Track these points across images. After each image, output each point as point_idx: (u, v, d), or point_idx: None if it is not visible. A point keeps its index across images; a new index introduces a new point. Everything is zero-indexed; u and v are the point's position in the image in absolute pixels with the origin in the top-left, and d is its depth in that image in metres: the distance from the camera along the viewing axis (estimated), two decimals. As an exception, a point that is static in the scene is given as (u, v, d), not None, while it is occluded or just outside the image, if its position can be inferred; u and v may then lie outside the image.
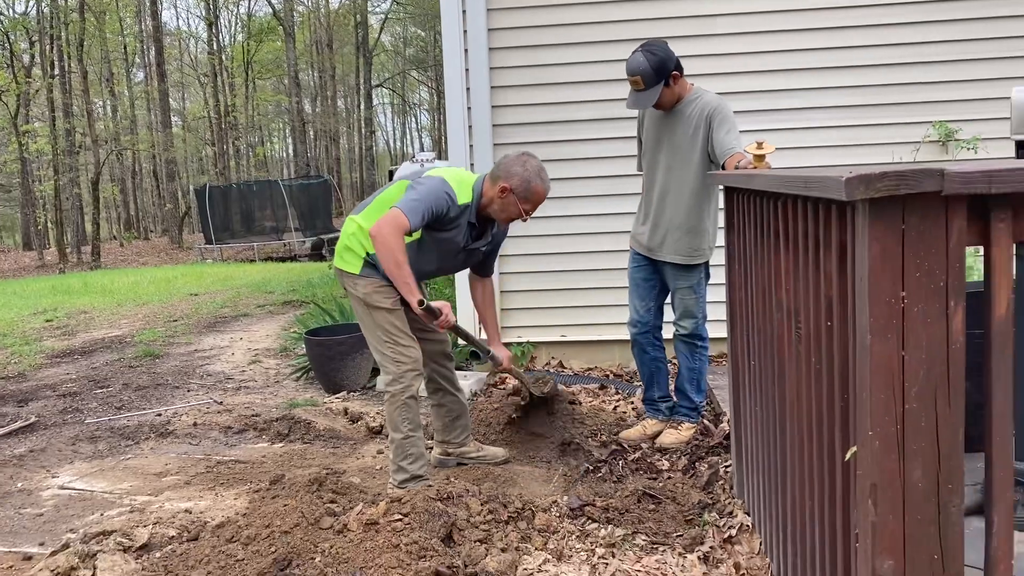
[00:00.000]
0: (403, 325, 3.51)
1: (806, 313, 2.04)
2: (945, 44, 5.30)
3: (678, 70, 3.79)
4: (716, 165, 3.77)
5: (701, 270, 4.00)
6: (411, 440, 3.52)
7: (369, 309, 3.50)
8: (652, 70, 3.71)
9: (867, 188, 1.41)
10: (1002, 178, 1.38)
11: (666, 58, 3.73)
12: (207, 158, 43.18)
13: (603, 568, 2.84)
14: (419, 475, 3.51)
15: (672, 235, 3.92)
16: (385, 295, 3.48)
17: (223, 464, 4.19)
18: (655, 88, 3.76)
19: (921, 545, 1.53)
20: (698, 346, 4.04)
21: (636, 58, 3.75)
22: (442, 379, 3.90)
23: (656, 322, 4.15)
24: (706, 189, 3.89)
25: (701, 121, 3.80)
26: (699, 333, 4.01)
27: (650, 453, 3.93)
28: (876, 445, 1.52)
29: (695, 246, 3.91)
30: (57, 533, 3.43)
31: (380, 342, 3.50)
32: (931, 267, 1.46)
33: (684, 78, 3.87)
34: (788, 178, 1.96)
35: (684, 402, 4.11)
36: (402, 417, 3.50)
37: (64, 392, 5.78)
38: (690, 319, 3.99)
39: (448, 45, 5.42)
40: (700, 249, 3.92)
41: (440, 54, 18.81)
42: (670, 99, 3.84)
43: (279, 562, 2.76)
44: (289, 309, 9.19)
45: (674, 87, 3.81)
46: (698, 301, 3.99)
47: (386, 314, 3.48)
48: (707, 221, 3.92)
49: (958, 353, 1.49)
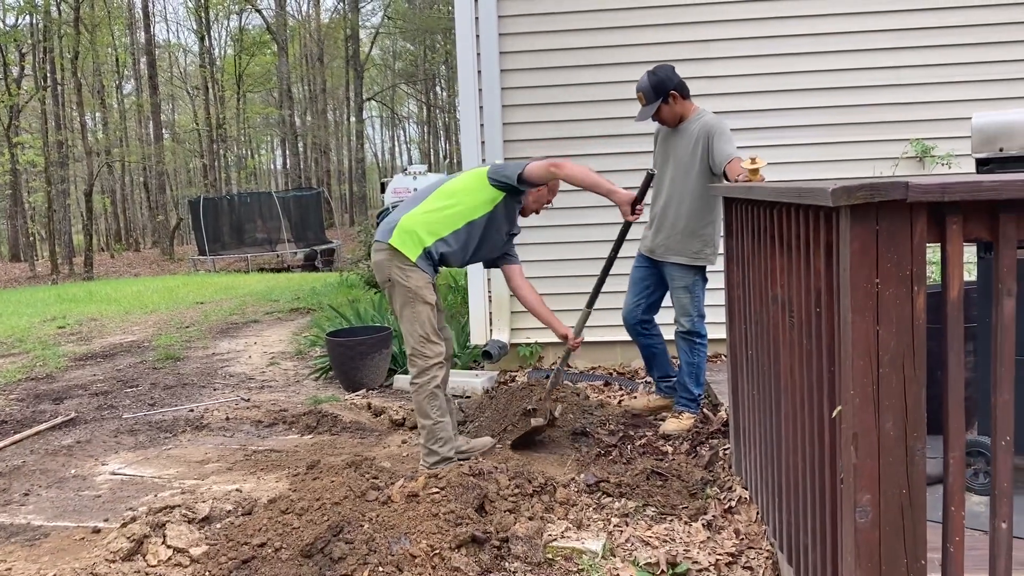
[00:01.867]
0: (437, 322, 3.90)
1: (798, 304, 2.43)
2: (921, 68, 5.75)
3: (678, 90, 4.30)
4: (717, 176, 4.23)
5: (698, 273, 4.42)
6: (440, 425, 3.89)
7: (415, 301, 3.80)
8: (651, 88, 4.27)
9: (849, 196, 1.80)
10: (953, 189, 1.78)
11: (665, 79, 4.28)
12: (195, 170, 43.38)
13: (618, 534, 3.22)
14: (449, 457, 3.87)
15: (673, 238, 4.39)
16: (431, 292, 3.85)
17: (259, 453, 4.54)
18: (654, 104, 4.29)
19: (892, 482, 1.91)
20: (696, 342, 4.44)
21: (642, 78, 4.33)
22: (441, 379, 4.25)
23: (643, 316, 4.66)
24: (706, 197, 4.32)
25: (701, 136, 4.26)
26: (696, 330, 4.42)
27: (655, 439, 4.31)
28: (857, 402, 1.90)
29: (695, 249, 4.35)
30: (118, 511, 3.77)
31: (416, 335, 3.84)
32: (899, 259, 1.85)
33: (689, 100, 4.36)
34: (783, 189, 2.36)
35: (684, 394, 4.50)
36: (431, 405, 3.87)
37: (96, 391, 6.11)
38: (686, 317, 4.42)
39: (463, 68, 5.82)
40: (700, 252, 4.36)
41: (431, 68, 18.48)
42: (670, 116, 4.36)
43: (332, 528, 3.11)
44: (297, 316, 9.53)
45: (673, 106, 4.31)
46: (693, 300, 4.42)
47: (429, 310, 3.83)
48: (708, 227, 4.36)
49: (921, 328, 1.88)
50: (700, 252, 4.37)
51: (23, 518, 3.74)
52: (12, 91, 28.60)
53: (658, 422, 4.55)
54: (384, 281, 3.88)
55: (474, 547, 3.02)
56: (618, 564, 2.97)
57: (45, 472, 4.36)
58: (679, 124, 4.37)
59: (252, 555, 3.07)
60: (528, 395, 4.78)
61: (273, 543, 3.11)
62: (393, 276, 3.80)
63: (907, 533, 1.91)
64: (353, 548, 2.95)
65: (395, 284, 3.81)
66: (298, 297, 11.20)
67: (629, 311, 4.69)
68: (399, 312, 3.87)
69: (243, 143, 46.95)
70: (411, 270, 3.79)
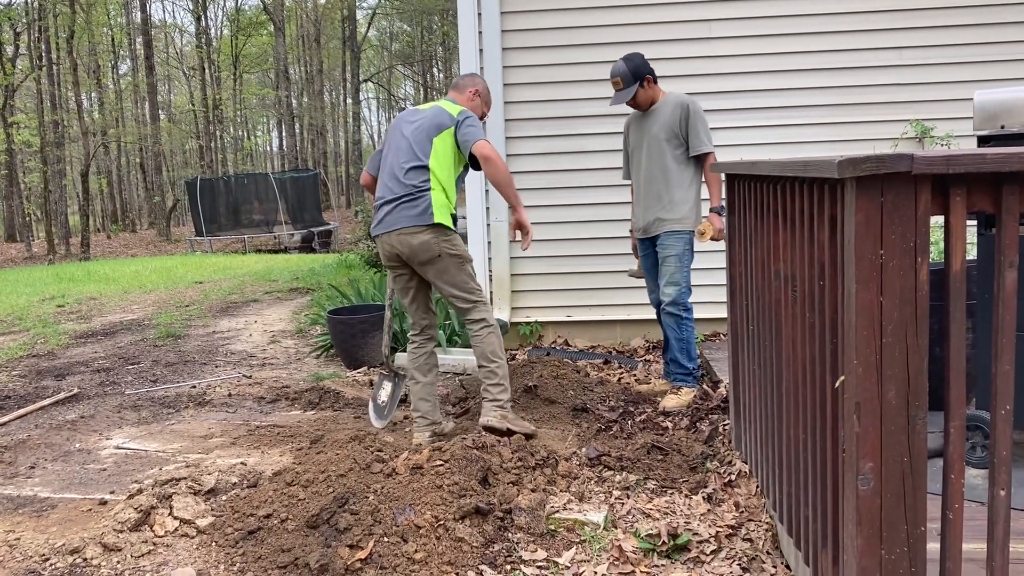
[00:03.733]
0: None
1: (801, 277, 2.46)
2: (922, 49, 5.76)
3: (651, 75, 4.59)
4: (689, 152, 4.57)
5: (686, 241, 4.61)
6: (504, 363, 4.07)
7: (463, 262, 4.00)
8: (629, 73, 4.54)
9: (854, 168, 1.82)
10: (958, 161, 1.80)
11: (640, 64, 4.57)
12: (192, 151, 43.27)
13: (620, 507, 3.26)
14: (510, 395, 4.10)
15: (662, 210, 4.63)
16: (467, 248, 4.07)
17: (262, 428, 4.57)
18: (631, 88, 4.56)
19: (894, 450, 1.95)
20: (683, 317, 4.58)
21: (618, 64, 4.59)
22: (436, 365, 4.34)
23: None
24: (684, 165, 4.61)
25: (677, 109, 4.58)
26: (682, 301, 4.56)
27: (655, 415, 4.35)
28: (860, 371, 1.94)
29: (682, 214, 4.59)
30: (123, 484, 3.80)
31: (471, 289, 4.03)
32: (903, 231, 1.88)
33: (658, 86, 4.66)
34: (788, 163, 2.38)
35: (678, 369, 4.59)
36: (500, 345, 4.05)
37: (97, 368, 6.14)
38: (673, 286, 4.56)
39: (464, 46, 5.81)
40: (687, 217, 4.60)
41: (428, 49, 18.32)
42: (644, 99, 4.65)
43: (338, 499, 3.15)
44: (296, 295, 9.55)
45: (647, 89, 4.61)
46: (681, 269, 4.59)
47: (471, 266, 4.07)
48: (691, 191, 4.62)
49: (924, 299, 1.91)
50: (687, 216, 4.60)
51: (30, 490, 3.78)
52: (7, 70, 28.40)
53: (658, 399, 4.60)
54: (432, 258, 3.95)
55: (478, 518, 3.06)
56: (620, 535, 3.01)
57: (50, 446, 4.39)
58: (650, 107, 4.68)
59: (258, 526, 3.11)
60: (529, 372, 4.84)
61: (279, 514, 3.15)
62: (443, 250, 3.95)
63: (908, 500, 1.95)
64: (358, 519, 2.99)
65: (443, 256, 3.96)
66: (297, 277, 11.22)
67: (654, 297, 4.91)
68: (452, 280, 3.99)
69: (240, 124, 46.80)
70: (453, 236, 4.00)
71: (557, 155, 6.01)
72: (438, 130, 3.97)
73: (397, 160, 4.00)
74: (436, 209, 3.91)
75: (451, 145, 3.98)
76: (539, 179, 6.03)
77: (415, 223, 3.90)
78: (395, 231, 3.94)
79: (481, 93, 4.29)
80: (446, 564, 2.81)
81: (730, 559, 2.85)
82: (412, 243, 3.92)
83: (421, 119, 4.05)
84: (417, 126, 4.03)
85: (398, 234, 3.94)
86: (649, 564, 2.83)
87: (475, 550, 2.90)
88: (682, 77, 5.83)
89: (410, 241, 3.92)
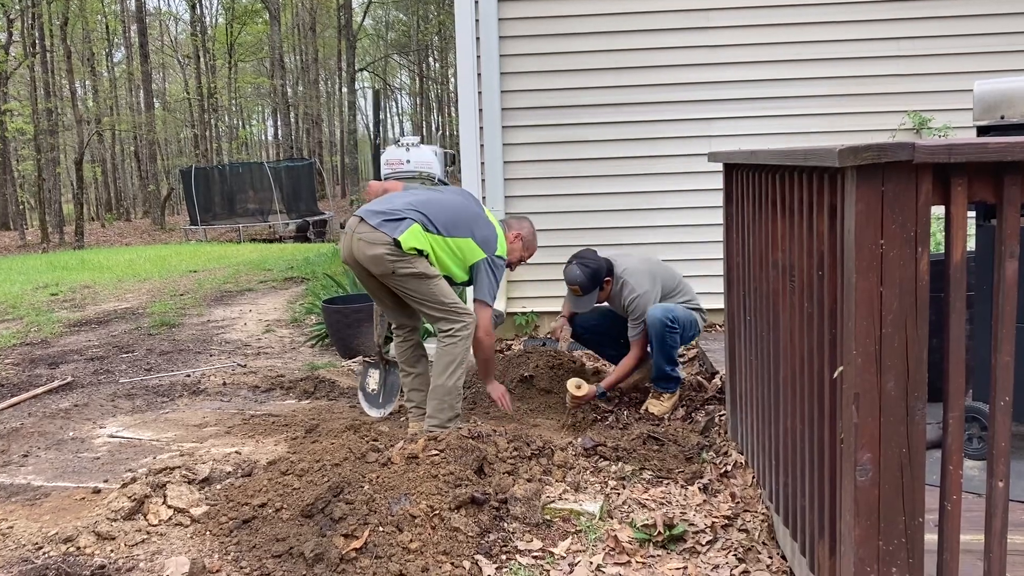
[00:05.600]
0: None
1: (799, 268, 2.45)
2: (920, 40, 5.75)
3: (608, 274, 4.42)
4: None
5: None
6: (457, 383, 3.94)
7: (428, 279, 3.80)
8: (588, 280, 4.36)
9: (855, 157, 1.81)
10: (959, 150, 1.79)
11: (597, 268, 4.38)
12: (187, 140, 43.07)
13: (615, 497, 3.26)
14: (459, 413, 3.95)
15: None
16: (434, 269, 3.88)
17: (257, 417, 4.55)
18: (592, 293, 4.40)
19: (893, 441, 1.94)
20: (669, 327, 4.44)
21: (574, 271, 4.38)
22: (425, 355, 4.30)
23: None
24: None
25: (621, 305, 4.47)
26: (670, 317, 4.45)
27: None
28: (859, 362, 1.92)
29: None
30: (117, 472, 3.79)
31: (441, 303, 3.84)
32: (904, 221, 1.86)
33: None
34: (788, 152, 2.37)
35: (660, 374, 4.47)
36: (463, 359, 3.90)
37: (91, 356, 6.12)
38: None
39: (461, 35, 5.78)
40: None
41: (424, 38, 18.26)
42: (603, 298, 4.50)
43: (333, 488, 3.13)
44: (291, 285, 9.53)
45: (606, 288, 4.44)
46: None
47: (441, 281, 3.87)
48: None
49: (924, 289, 1.89)
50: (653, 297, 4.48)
51: (23, 478, 3.76)
52: (0, 57, 28.26)
53: (646, 384, 4.58)
54: (385, 273, 3.80)
55: (473, 508, 3.05)
56: (615, 525, 3.01)
57: (43, 434, 4.37)
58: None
59: (253, 515, 3.10)
60: (524, 362, 4.82)
61: (274, 503, 3.14)
62: (401, 265, 3.76)
63: (906, 491, 1.94)
64: (353, 508, 2.98)
65: (404, 275, 3.79)
66: (292, 267, 11.19)
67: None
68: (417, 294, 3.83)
69: (234, 113, 46.58)
70: (417, 259, 3.80)
71: (555, 145, 5.98)
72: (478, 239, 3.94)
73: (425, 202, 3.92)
74: (408, 234, 3.75)
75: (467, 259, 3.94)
76: (535, 168, 6.01)
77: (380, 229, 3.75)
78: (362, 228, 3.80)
79: (524, 238, 4.24)
80: (441, 554, 2.80)
81: (726, 549, 2.85)
82: (368, 252, 3.76)
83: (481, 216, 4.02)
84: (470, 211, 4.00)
85: (363, 234, 3.79)
86: (645, 554, 2.83)
87: (471, 540, 2.90)
88: (680, 67, 5.82)
89: (369, 249, 3.76)
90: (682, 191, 5.96)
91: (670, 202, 5.98)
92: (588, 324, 4.76)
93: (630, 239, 5.86)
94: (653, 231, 5.99)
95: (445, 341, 3.88)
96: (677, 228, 6.00)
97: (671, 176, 5.97)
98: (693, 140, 5.87)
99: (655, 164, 5.96)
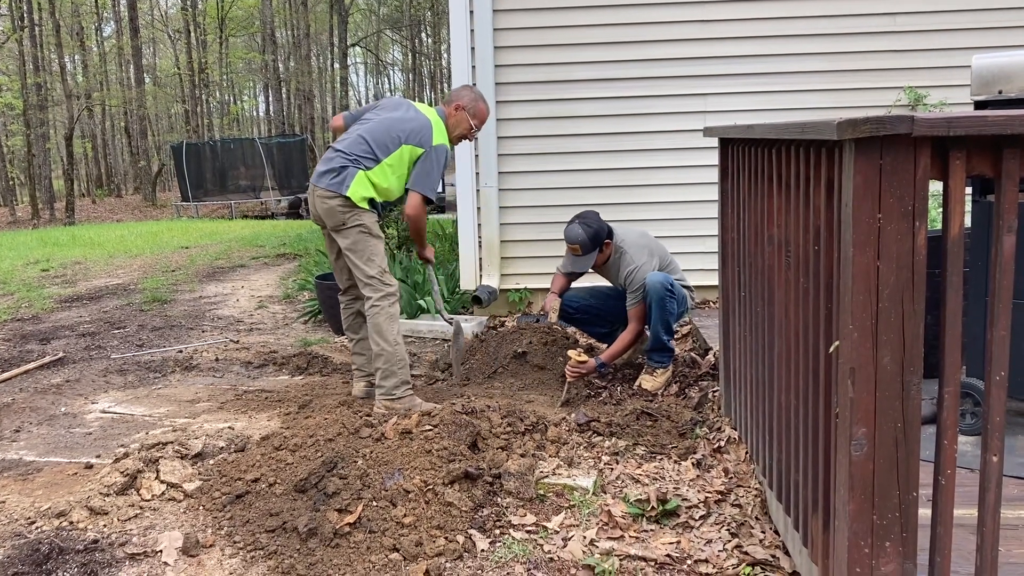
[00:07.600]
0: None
1: (796, 242, 2.43)
2: (915, 15, 5.71)
3: (609, 236, 4.40)
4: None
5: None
6: (401, 347, 3.97)
7: (371, 237, 3.95)
8: (589, 240, 4.33)
9: (854, 130, 1.79)
10: (959, 123, 1.77)
11: (599, 229, 4.35)
12: (177, 116, 42.77)
13: (609, 472, 3.26)
14: (407, 380, 3.99)
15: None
16: (379, 229, 4.02)
17: (250, 393, 4.54)
18: (592, 254, 4.38)
19: (888, 416, 1.93)
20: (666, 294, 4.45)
21: (576, 230, 4.35)
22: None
23: None
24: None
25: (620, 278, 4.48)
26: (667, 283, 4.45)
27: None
28: (855, 336, 1.92)
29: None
30: (110, 448, 3.77)
31: (375, 266, 3.95)
32: (902, 194, 1.85)
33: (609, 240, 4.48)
34: (785, 126, 2.34)
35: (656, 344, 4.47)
36: (391, 326, 3.95)
37: (83, 332, 6.09)
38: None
39: (454, 7, 5.71)
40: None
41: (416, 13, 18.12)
42: (602, 259, 4.49)
43: (326, 463, 3.13)
44: (283, 261, 9.49)
45: (605, 250, 4.43)
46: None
47: (380, 243, 4.00)
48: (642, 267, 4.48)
49: (921, 264, 1.88)
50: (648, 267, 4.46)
51: (15, 454, 3.74)
52: (-12, 32, 27.97)
53: (639, 358, 4.58)
54: (337, 226, 3.97)
55: (467, 483, 3.05)
56: (609, 500, 3.01)
57: (35, 410, 4.35)
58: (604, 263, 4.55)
59: (246, 490, 3.09)
60: (518, 339, 4.81)
61: (267, 478, 3.13)
62: (347, 218, 3.93)
63: (900, 466, 1.94)
64: (347, 483, 2.98)
65: (349, 228, 3.94)
66: (284, 243, 11.14)
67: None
68: (355, 251, 3.95)
69: (226, 88, 46.26)
70: (364, 212, 3.95)
71: (547, 120, 5.94)
72: (412, 142, 3.96)
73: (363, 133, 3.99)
74: (354, 185, 3.90)
75: (407, 164, 3.98)
76: (529, 144, 5.97)
77: (330, 188, 3.91)
78: (318, 189, 3.96)
79: (466, 106, 4.17)
80: (435, 528, 2.80)
81: (719, 524, 2.85)
82: (323, 206, 3.95)
83: (410, 118, 4.01)
84: (399, 120, 4.00)
85: (319, 193, 3.96)
86: (638, 529, 2.83)
87: (464, 514, 2.90)
88: (674, 42, 5.77)
89: (324, 203, 3.95)
90: (676, 167, 5.93)
91: (664, 178, 5.96)
92: (578, 303, 4.76)
93: (624, 215, 5.82)
94: (647, 207, 5.97)
95: (369, 312, 3.98)
96: (671, 204, 5.97)
97: (665, 152, 5.94)
98: (687, 116, 5.84)
99: (649, 140, 5.93)
